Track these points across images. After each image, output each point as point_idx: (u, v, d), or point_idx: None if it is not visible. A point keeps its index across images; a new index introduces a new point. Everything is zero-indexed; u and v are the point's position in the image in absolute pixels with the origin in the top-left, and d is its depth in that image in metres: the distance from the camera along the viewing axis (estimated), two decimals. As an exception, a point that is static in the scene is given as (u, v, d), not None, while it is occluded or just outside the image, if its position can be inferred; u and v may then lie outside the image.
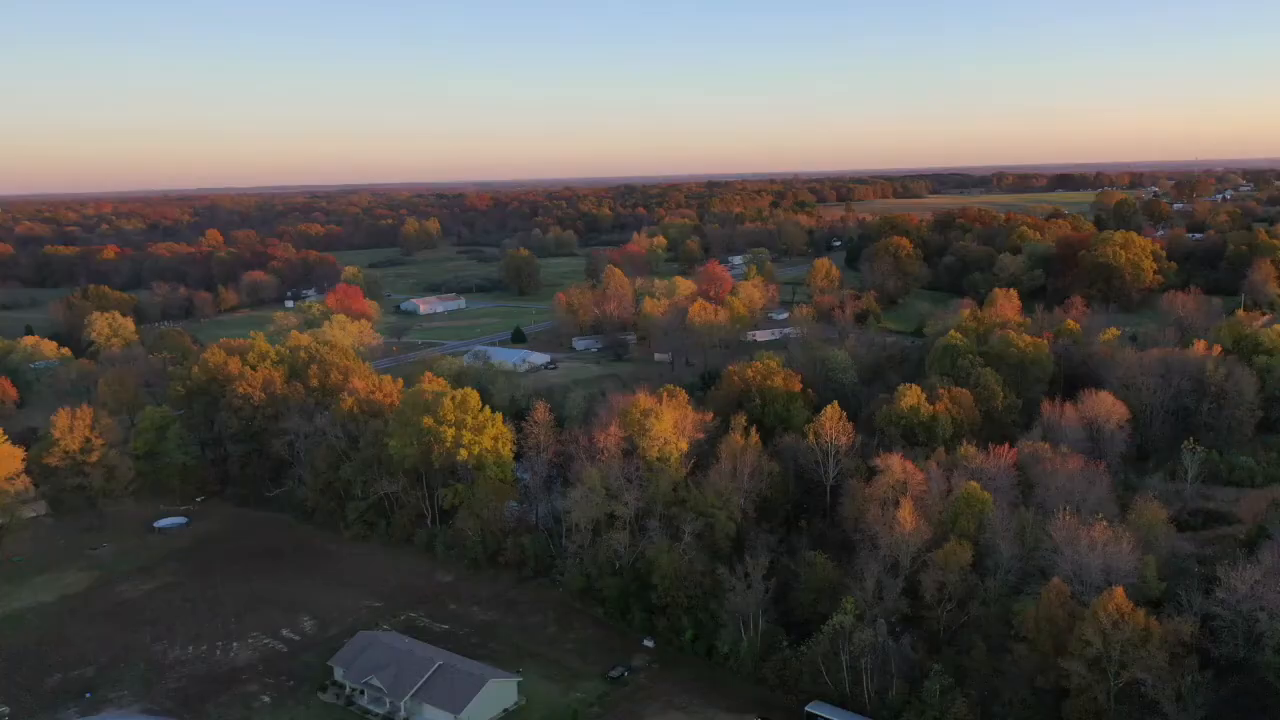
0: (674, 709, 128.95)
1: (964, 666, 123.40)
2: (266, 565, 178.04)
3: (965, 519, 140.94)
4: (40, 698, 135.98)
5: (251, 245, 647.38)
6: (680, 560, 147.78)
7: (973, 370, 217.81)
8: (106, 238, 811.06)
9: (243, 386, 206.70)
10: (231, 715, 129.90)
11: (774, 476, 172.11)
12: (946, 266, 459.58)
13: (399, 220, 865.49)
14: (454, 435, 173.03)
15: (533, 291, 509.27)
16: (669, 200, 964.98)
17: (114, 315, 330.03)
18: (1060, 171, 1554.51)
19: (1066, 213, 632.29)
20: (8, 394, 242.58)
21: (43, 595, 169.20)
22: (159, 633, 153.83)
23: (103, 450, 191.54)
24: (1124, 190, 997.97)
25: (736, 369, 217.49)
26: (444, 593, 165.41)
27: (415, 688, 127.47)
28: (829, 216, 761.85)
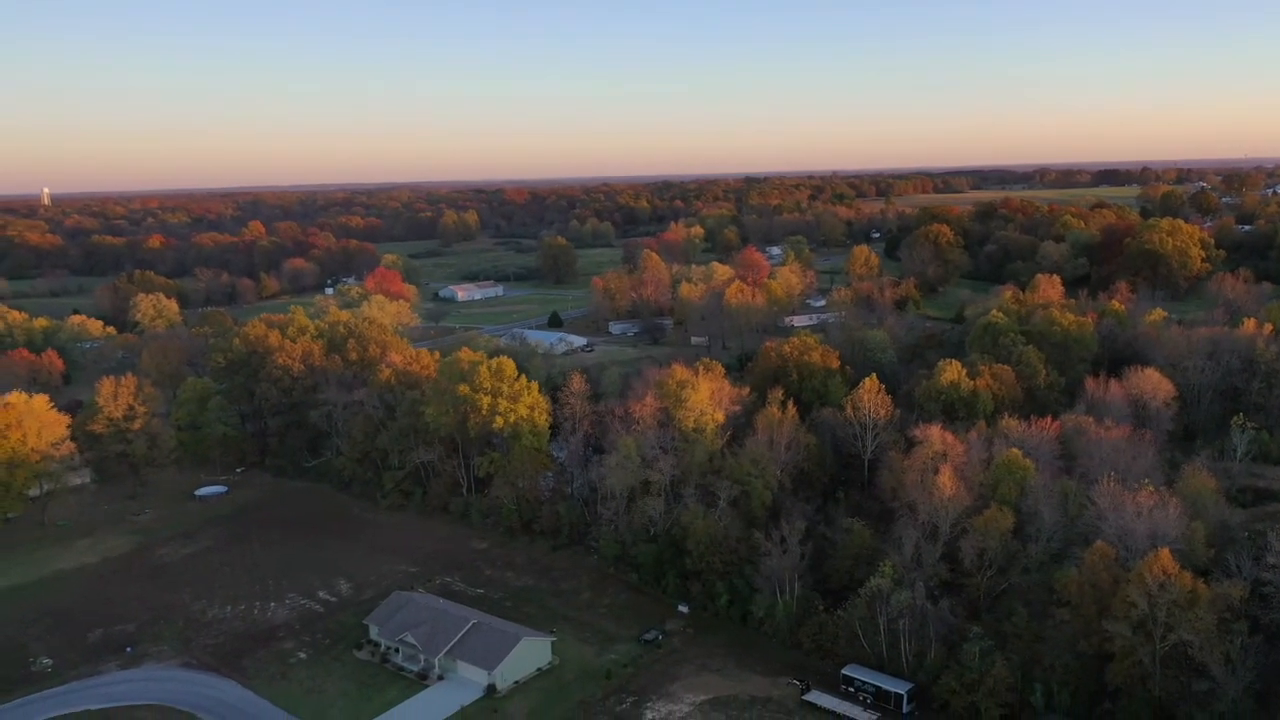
0: (708, 672, 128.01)
1: (1004, 632, 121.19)
2: (304, 532, 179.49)
3: (1006, 485, 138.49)
4: (82, 651, 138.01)
5: (293, 235, 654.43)
6: (715, 526, 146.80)
7: (1014, 348, 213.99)
8: (152, 230, 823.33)
9: (282, 358, 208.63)
10: (268, 671, 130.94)
11: (811, 449, 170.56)
12: (988, 255, 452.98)
13: (438, 213, 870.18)
14: (490, 403, 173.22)
15: (570, 280, 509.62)
16: (707, 194, 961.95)
17: (158, 297, 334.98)
18: (1105, 168, 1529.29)
19: (1111, 204, 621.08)
20: (55, 365, 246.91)
21: (86, 557, 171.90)
22: (198, 593, 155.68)
23: (145, 418, 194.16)
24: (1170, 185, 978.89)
25: (773, 345, 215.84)
26: (479, 559, 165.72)
27: (449, 645, 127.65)
28: (868, 210, 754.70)
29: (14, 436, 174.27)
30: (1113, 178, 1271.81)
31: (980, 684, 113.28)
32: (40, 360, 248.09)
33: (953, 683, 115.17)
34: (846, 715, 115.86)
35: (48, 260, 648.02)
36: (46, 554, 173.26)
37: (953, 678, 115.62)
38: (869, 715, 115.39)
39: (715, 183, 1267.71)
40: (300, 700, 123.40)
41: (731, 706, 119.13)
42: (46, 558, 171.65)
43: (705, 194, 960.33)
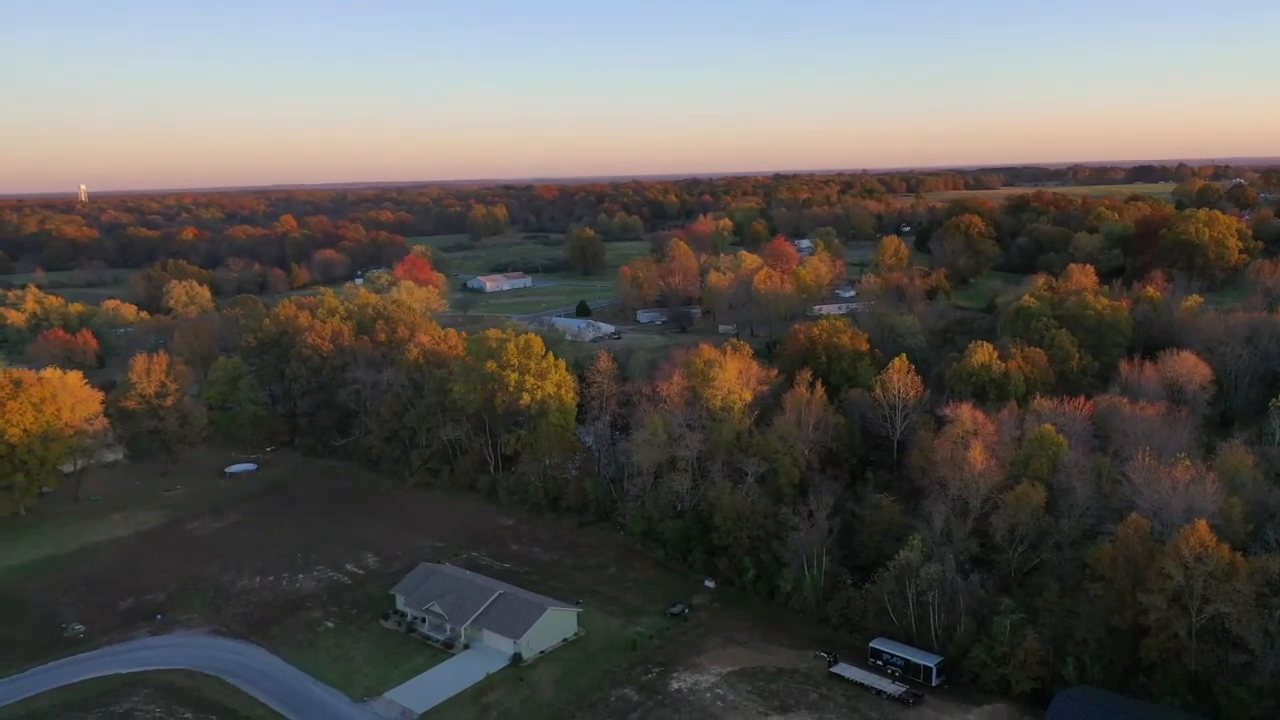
0: (734, 644, 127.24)
1: (1036, 607, 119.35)
2: (332, 509, 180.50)
3: (1038, 461, 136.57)
4: (114, 619, 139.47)
5: (324, 228, 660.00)
6: (742, 502, 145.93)
7: (1047, 332, 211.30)
8: (186, 224, 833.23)
9: (312, 337, 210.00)
10: (296, 639, 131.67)
11: (839, 429, 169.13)
12: (1020, 247, 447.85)
13: (467, 208, 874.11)
14: (517, 380, 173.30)
15: (598, 272, 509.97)
16: (735, 190, 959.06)
17: (191, 284, 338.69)
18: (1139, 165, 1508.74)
19: (1146, 198, 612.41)
20: (89, 345, 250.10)
21: (118, 530, 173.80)
22: (227, 565, 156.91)
23: (177, 395, 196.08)
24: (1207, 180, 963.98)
25: (802, 328, 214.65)
26: (505, 535, 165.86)
27: (475, 614, 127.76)
28: (898, 204, 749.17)
29: (48, 411, 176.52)
30: (1148, 174, 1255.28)
31: (1011, 657, 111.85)
32: (75, 340, 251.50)
33: (983, 655, 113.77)
34: (875, 687, 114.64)
35: (84, 253, 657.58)
36: (80, 527, 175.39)
37: (983, 651, 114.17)
38: (897, 687, 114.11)
39: (744, 179, 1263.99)
40: (327, 667, 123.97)
41: (758, 678, 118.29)
42: (80, 530, 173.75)
43: (734, 190, 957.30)
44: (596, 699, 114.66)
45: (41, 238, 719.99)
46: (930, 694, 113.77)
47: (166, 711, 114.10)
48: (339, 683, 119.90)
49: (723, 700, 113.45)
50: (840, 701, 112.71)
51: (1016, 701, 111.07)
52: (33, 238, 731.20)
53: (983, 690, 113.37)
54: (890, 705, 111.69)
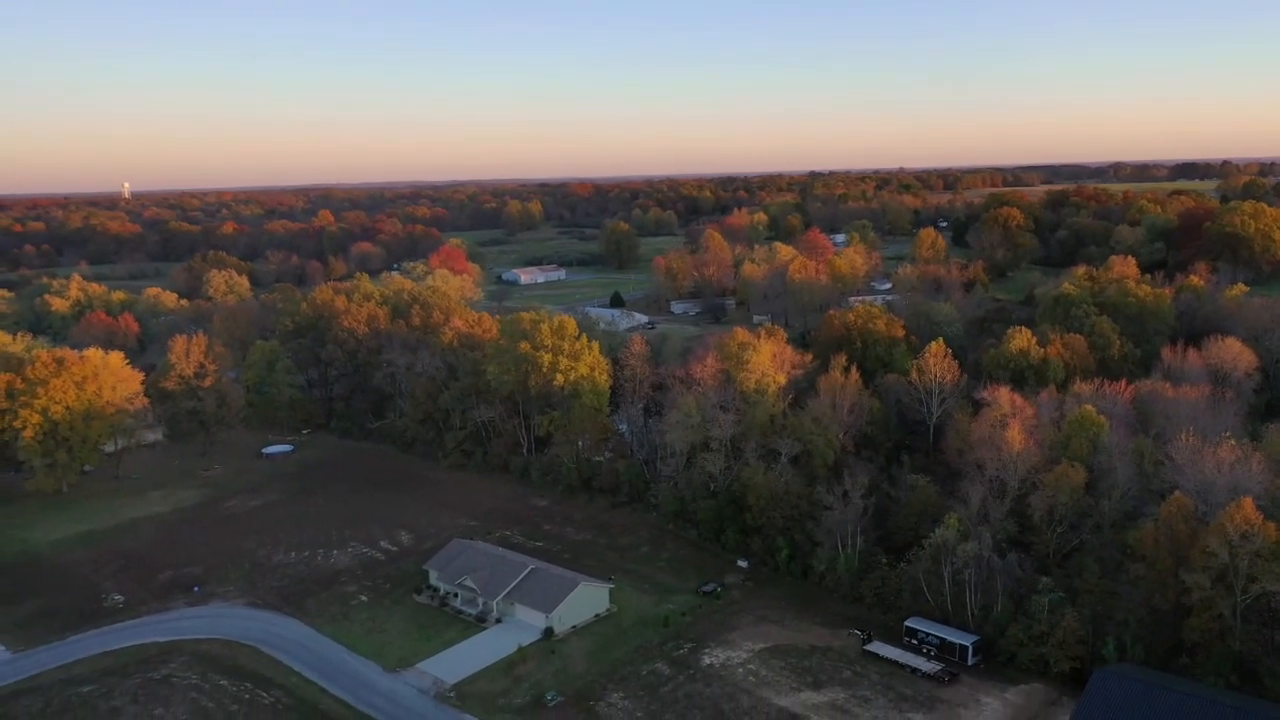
0: (767, 622, 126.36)
1: (1075, 588, 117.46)
2: (367, 488, 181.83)
3: (1078, 442, 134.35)
4: (152, 590, 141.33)
5: (360, 222, 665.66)
6: (776, 483, 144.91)
7: (1087, 319, 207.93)
8: (226, 219, 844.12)
9: (347, 321, 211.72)
10: (330, 611, 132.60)
11: (874, 413, 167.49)
12: (1059, 241, 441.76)
13: (502, 204, 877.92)
14: (551, 360, 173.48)
15: (632, 266, 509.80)
16: (770, 186, 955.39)
17: (230, 273, 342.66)
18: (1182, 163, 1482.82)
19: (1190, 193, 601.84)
20: (130, 328, 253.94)
21: (157, 507, 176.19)
22: (263, 540, 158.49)
23: (215, 376, 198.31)
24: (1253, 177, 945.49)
25: (837, 314, 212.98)
26: (538, 515, 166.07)
27: (507, 589, 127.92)
28: (934, 200, 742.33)
29: (90, 389, 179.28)
30: (1191, 171, 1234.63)
31: (1049, 636, 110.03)
32: (116, 324, 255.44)
33: (1020, 635, 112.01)
34: (909, 665, 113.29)
35: (127, 246, 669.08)
36: (120, 503, 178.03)
37: (1020, 630, 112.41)
38: (933, 666, 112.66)
39: (779, 177, 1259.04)
40: (361, 639, 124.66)
41: (791, 655, 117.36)
42: (120, 507, 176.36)
43: (769, 186, 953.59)
44: (628, 672, 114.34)
45: (86, 233, 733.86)
46: (966, 673, 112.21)
47: (203, 678, 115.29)
48: (372, 653, 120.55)
49: (755, 676, 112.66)
50: (874, 679, 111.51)
51: (1054, 681, 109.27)
52: (77, 233, 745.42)
53: (1020, 670, 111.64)
54: (925, 683, 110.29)
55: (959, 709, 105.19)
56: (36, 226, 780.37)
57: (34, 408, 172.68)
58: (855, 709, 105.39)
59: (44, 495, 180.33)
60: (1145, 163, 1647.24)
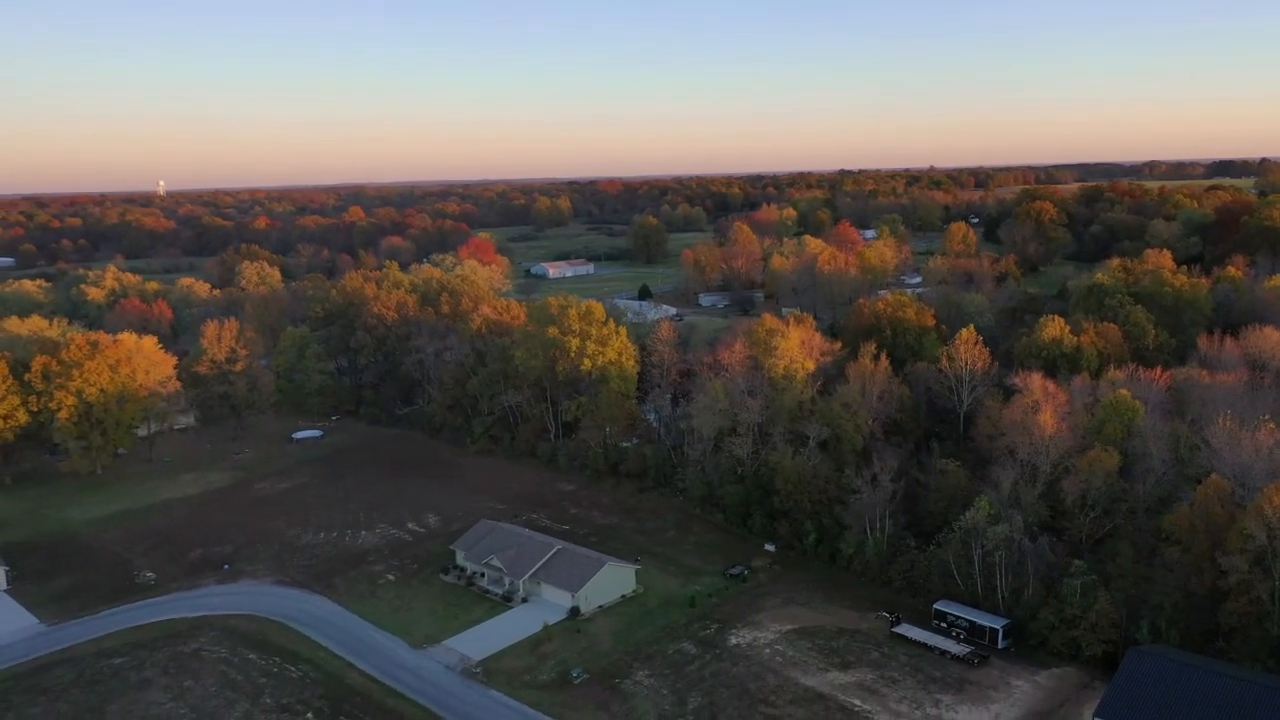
0: (794, 605, 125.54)
1: (1108, 572, 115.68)
2: (395, 473, 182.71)
3: (1112, 426, 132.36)
4: (183, 568, 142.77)
5: (391, 218, 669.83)
6: (804, 467, 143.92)
7: (1121, 309, 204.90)
8: (258, 216, 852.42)
9: (377, 307, 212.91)
10: (358, 589, 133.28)
11: (904, 400, 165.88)
12: (1093, 236, 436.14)
13: (531, 201, 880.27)
14: (578, 345, 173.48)
15: (660, 260, 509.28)
16: (800, 183, 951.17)
17: (262, 265, 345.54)
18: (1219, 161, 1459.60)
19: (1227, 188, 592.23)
20: (164, 314, 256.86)
21: (189, 489, 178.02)
22: (293, 521, 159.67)
23: (247, 361, 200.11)
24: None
25: (866, 302, 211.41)
26: (565, 499, 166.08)
27: (534, 569, 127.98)
28: (966, 197, 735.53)
29: (124, 372, 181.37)
30: (1228, 169, 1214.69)
31: (1081, 620, 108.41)
32: (150, 310, 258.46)
33: (1052, 618, 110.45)
34: (939, 648, 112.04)
35: (161, 241, 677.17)
36: (153, 485, 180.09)
37: (1052, 613, 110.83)
38: (962, 648, 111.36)
39: (808, 175, 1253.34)
40: (387, 616, 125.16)
41: (818, 636, 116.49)
42: (153, 488, 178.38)
43: (798, 183, 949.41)
44: (654, 651, 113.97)
45: (121, 229, 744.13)
46: (996, 656, 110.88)
47: (231, 652, 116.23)
48: (399, 630, 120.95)
49: (782, 656, 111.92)
50: (903, 660, 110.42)
51: (1086, 665, 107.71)
52: (113, 229, 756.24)
53: (1051, 653, 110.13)
54: (955, 665, 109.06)
55: (989, 691, 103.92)
56: (74, 223, 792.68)
57: (69, 390, 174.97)
58: (883, 689, 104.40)
59: (79, 476, 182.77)
60: (1181, 161, 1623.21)
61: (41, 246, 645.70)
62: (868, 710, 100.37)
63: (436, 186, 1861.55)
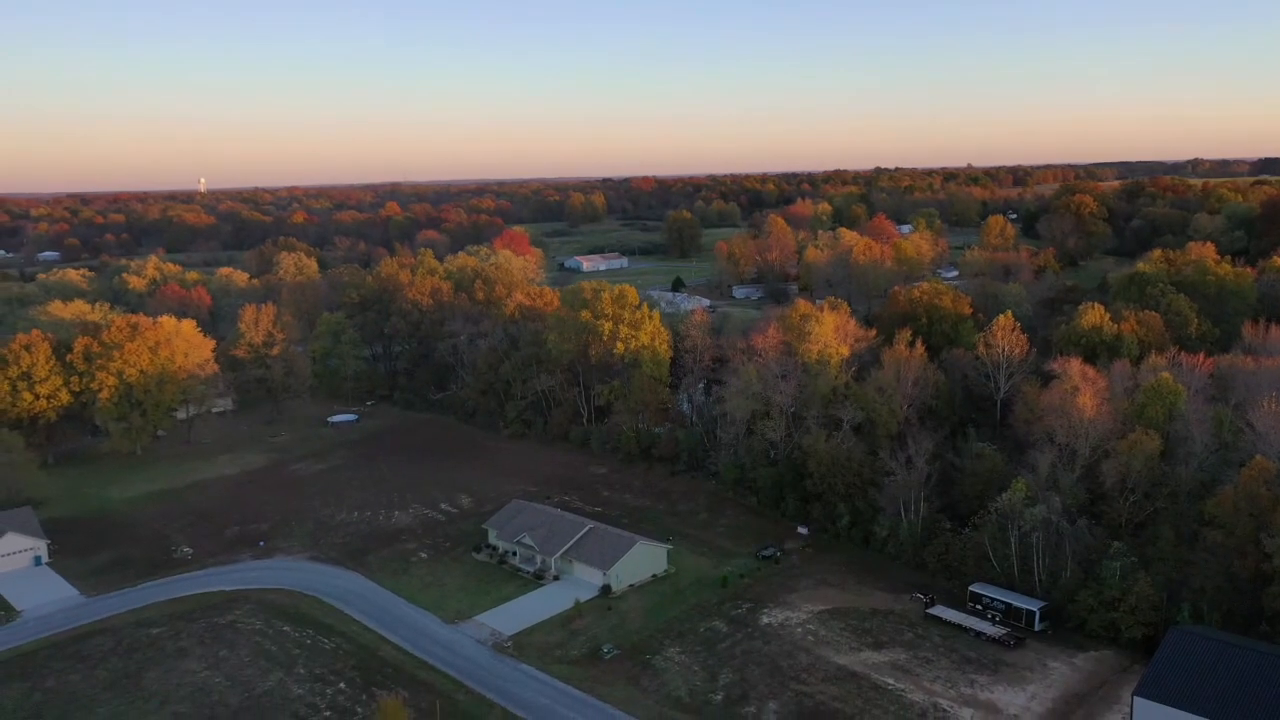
0: (827, 586, 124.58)
1: (1149, 556, 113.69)
2: (428, 456, 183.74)
3: (1154, 409, 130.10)
4: (220, 544, 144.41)
5: (426, 213, 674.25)
6: (838, 450, 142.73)
7: (1163, 297, 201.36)
8: (296, 211, 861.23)
9: (412, 293, 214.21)
10: (390, 566, 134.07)
11: (939, 387, 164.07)
12: (1134, 231, 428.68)
13: (565, 198, 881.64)
14: (611, 329, 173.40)
15: (694, 255, 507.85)
16: (835, 180, 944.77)
17: (299, 255, 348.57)
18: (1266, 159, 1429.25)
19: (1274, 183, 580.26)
20: (203, 300, 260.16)
21: (226, 470, 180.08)
22: (327, 501, 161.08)
23: (283, 345, 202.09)
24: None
25: (902, 290, 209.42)
26: (597, 482, 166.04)
27: (565, 547, 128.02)
28: (1003, 193, 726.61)
29: (163, 354, 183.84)
30: (1274, 166, 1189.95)
31: (1121, 602, 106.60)
32: (189, 295, 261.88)
33: (1090, 600, 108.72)
34: (974, 629, 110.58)
35: (201, 236, 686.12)
36: (191, 466, 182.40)
37: (1090, 595, 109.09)
38: (998, 630, 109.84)
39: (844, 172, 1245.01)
40: (420, 592, 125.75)
41: (851, 617, 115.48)
42: (190, 469, 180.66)
43: (834, 180, 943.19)
44: (685, 629, 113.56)
45: (163, 224, 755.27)
46: (1033, 639, 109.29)
47: (266, 624, 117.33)
48: (431, 606, 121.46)
49: (814, 635, 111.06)
50: (937, 641, 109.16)
51: (1125, 648, 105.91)
52: (155, 224, 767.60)
53: (1089, 636, 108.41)
54: (990, 647, 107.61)
55: (1025, 672, 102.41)
56: (117, 218, 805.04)
57: (110, 370, 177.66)
58: (917, 669, 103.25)
59: (119, 456, 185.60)
60: (1225, 159, 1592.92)
61: (85, 241, 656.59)
62: (901, 689, 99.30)
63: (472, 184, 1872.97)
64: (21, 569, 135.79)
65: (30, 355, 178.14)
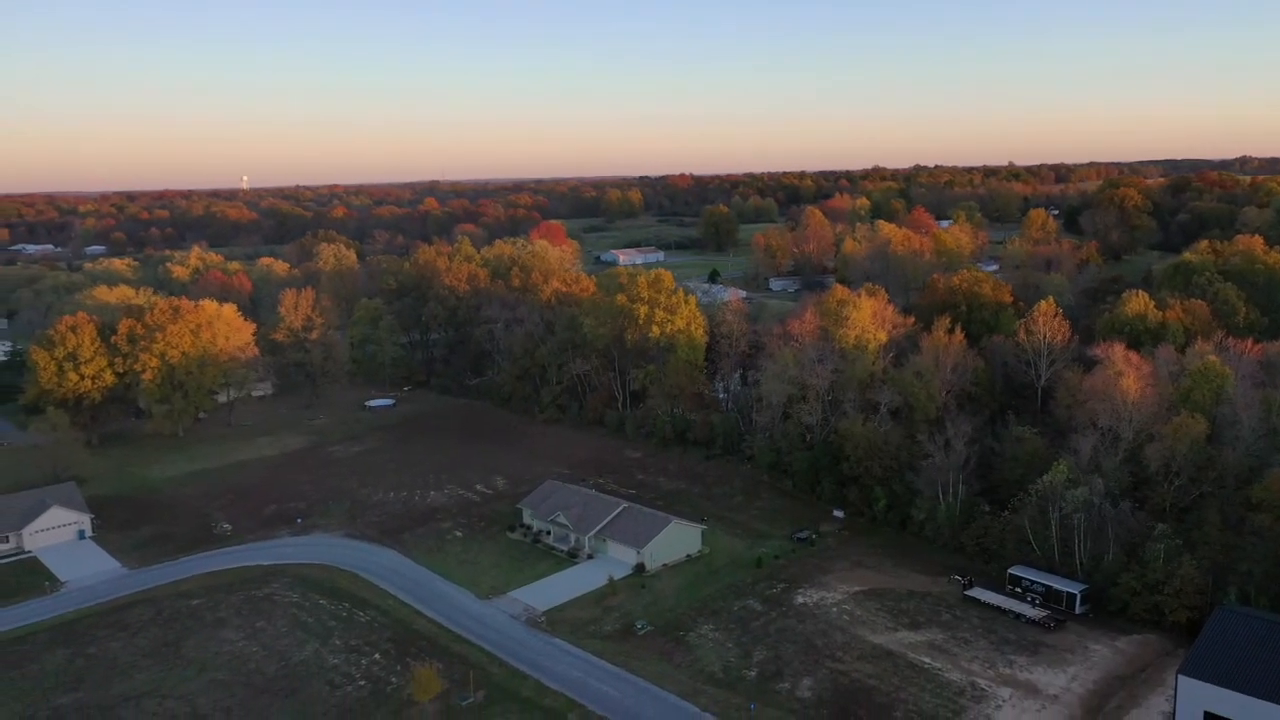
0: (863, 568, 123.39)
1: (1194, 540, 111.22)
2: (464, 439, 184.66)
3: (1201, 392, 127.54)
4: (259, 521, 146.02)
5: (464, 207, 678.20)
6: (875, 433, 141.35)
7: (1210, 286, 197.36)
8: (336, 206, 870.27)
9: (449, 279, 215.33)
10: (426, 544, 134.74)
11: (979, 373, 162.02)
12: (1179, 225, 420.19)
13: (602, 194, 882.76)
14: (647, 313, 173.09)
15: (730, 249, 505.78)
16: (874, 176, 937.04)
17: (339, 246, 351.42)
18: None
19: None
20: (244, 285, 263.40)
21: (265, 451, 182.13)
22: (364, 481, 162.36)
23: (322, 330, 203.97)
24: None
25: (941, 277, 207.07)
26: (632, 466, 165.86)
27: (599, 526, 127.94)
28: (1045, 189, 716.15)
29: (205, 337, 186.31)
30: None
31: (1165, 585, 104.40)
32: (230, 280, 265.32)
33: (1134, 583, 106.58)
34: (1013, 611, 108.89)
35: (244, 231, 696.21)
36: (231, 447, 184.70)
37: (1134, 578, 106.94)
38: (1037, 612, 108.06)
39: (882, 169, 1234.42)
40: (455, 569, 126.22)
41: (887, 598, 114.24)
42: (231, 450, 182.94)
43: (872, 177, 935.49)
44: (719, 607, 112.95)
45: (206, 219, 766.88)
46: (1073, 622, 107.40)
47: (303, 597, 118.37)
48: (465, 582, 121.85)
49: (849, 615, 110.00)
50: (975, 622, 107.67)
51: (1169, 632, 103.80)
52: (199, 219, 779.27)
53: (1132, 620, 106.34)
54: (1029, 629, 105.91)
55: (1065, 654, 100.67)
56: (161, 214, 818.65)
57: (153, 352, 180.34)
58: (954, 649, 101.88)
59: (161, 438, 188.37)
60: (1276, 157, 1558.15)
61: (131, 235, 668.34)
62: (938, 668, 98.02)
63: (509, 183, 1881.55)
64: (66, 542, 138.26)
65: (76, 336, 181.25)
